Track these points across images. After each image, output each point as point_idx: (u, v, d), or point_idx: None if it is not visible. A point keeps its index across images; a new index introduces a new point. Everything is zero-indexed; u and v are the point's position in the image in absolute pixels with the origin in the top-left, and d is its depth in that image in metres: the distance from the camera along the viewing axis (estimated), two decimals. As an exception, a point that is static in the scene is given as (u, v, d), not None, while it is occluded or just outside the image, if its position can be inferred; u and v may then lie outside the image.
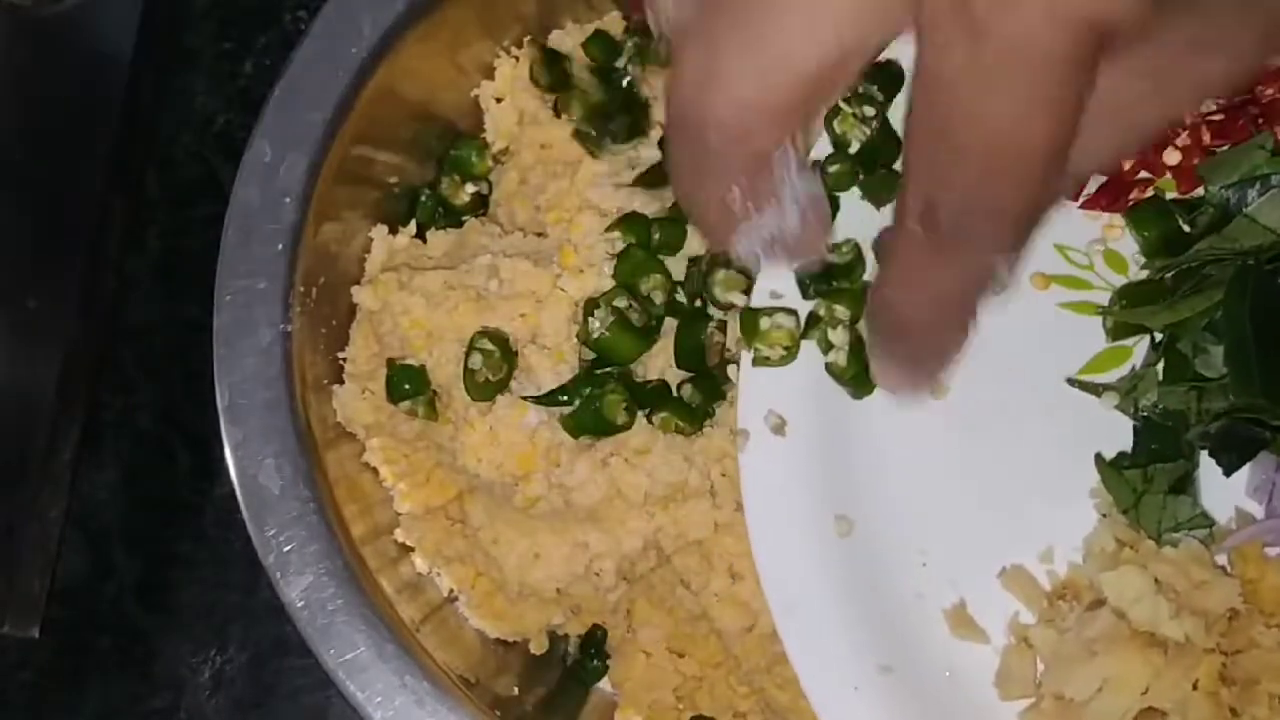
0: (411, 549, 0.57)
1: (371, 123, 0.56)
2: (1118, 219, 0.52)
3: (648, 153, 0.57)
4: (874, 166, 0.51)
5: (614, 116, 0.58)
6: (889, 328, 0.38)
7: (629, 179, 0.56)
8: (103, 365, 0.64)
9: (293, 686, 0.61)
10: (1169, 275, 0.50)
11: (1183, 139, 0.50)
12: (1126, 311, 0.50)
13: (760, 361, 0.50)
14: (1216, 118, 0.50)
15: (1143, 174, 0.51)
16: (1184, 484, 0.49)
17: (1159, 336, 0.51)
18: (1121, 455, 0.50)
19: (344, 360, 0.57)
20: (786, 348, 0.50)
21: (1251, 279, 0.47)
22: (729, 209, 0.36)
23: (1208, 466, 0.49)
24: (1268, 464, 0.49)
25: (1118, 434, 0.50)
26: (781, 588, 0.49)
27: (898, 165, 0.49)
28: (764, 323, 0.50)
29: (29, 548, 0.61)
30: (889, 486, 0.50)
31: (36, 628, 0.61)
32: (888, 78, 0.51)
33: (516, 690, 0.56)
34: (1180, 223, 0.51)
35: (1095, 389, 0.51)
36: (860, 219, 0.51)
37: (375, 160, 0.58)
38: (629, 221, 0.54)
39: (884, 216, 0.51)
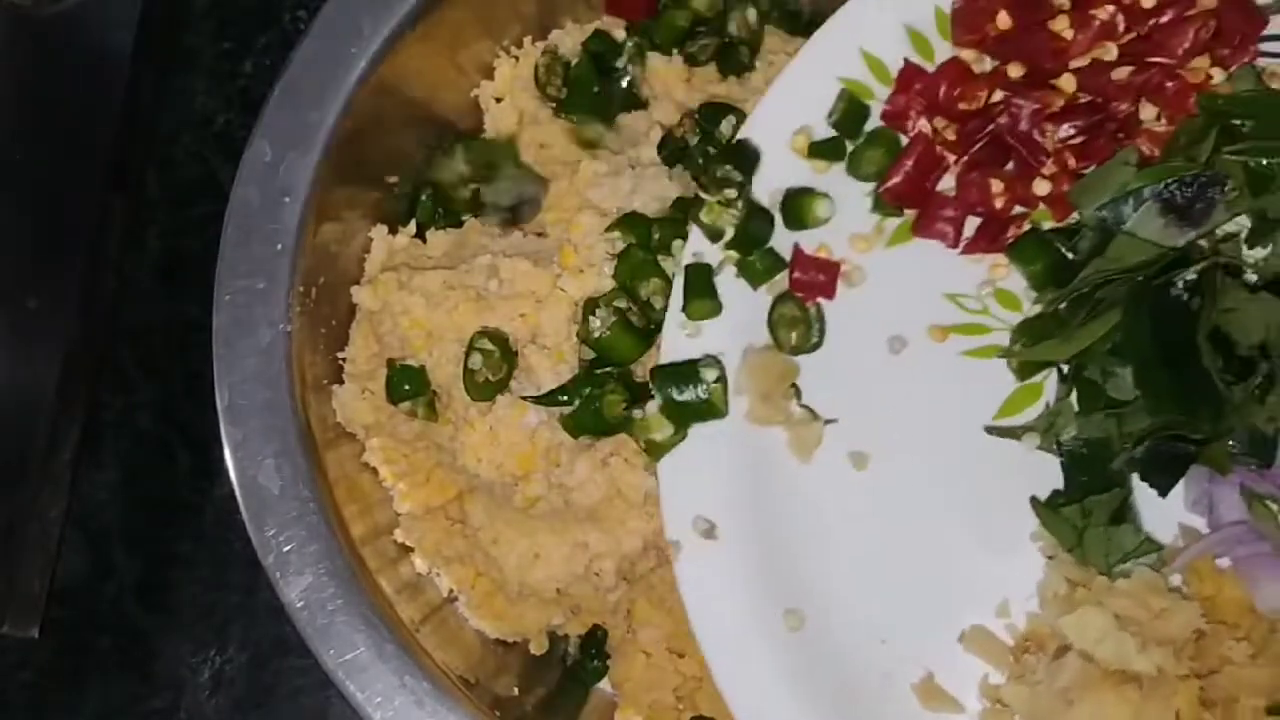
0: (411, 549, 0.57)
1: (371, 123, 0.56)
2: (1002, 258, 0.51)
3: (648, 152, 0.57)
4: (749, 247, 0.51)
5: (614, 117, 0.59)
6: None
7: (629, 179, 0.56)
8: (103, 365, 0.64)
9: (293, 686, 0.61)
10: (1062, 305, 0.49)
11: (1049, 167, 0.50)
12: (1028, 350, 0.50)
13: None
14: (1077, 141, 0.50)
15: (1017, 209, 0.51)
16: (1123, 512, 0.49)
17: (1066, 368, 0.50)
18: (1055, 494, 0.49)
19: (344, 360, 0.57)
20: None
21: (1146, 297, 0.47)
22: None
23: (1143, 489, 0.48)
24: (1200, 476, 0.48)
25: (1047, 473, 0.49)
26: (744, 693, 0.48)
27: (772, 243, 0.51)
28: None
29: (29, 548, 0.61)
30: (831, 571, 0.50)
31: (36, 628, 0.61)
32: (743, 158, 0.51)
33: (516, 690, 0.56)
34: (1062, 251, 0.50)
35: (1015, 432, 0.50)
36: (736, 299, 0.51)
37: (375, 160, 0.58)
38: (629, 221, 0.54)
39: (761, 298, 0.51)
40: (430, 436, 0.56)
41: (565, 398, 0.54)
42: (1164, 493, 0.48)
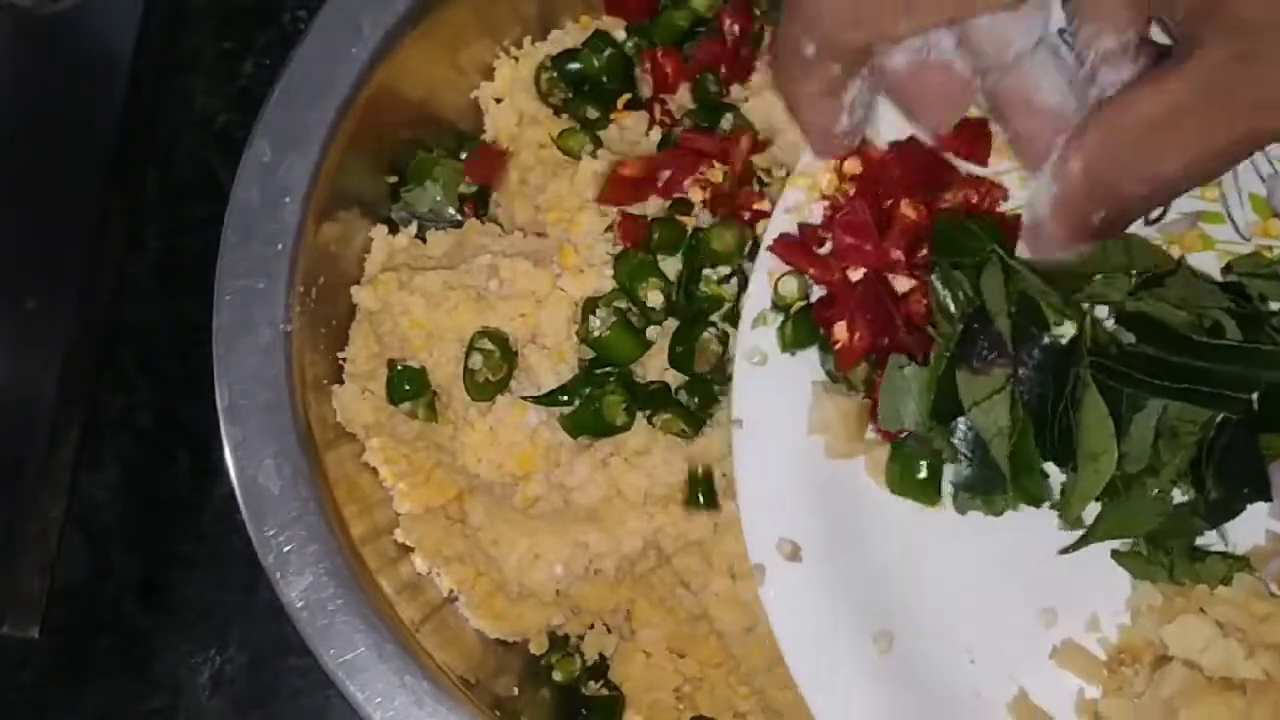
0: (411, 549, 0.57)
1: (371, 123, 0.56)
2: None
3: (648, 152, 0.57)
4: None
5: (613, 116, 0.59)
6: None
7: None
8: (103, 365, 0.64)
9: (293, 686, 0.61)
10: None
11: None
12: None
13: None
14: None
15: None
16: (1200, 549, 0.48)
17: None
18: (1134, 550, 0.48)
19: (344, 360, 0.57)
20: None
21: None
22: (830, 101, 0.45)
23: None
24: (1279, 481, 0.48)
25: None
26: (838, 715, 0.47)
27: None
28: None
29: (29, 548, 0.61)
30: (917, 590, 0.49)
31: (36, 628, 0.61)
32: None
33: (516, 690, 0.56)
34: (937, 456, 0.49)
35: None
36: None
37: (375, 160, 0.58)
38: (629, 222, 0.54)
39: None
40: (430, 436, 0.56)
41: (565, 398, 0.54)
42: (1235, 514, 0.47)
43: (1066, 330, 0.46)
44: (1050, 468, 0.48)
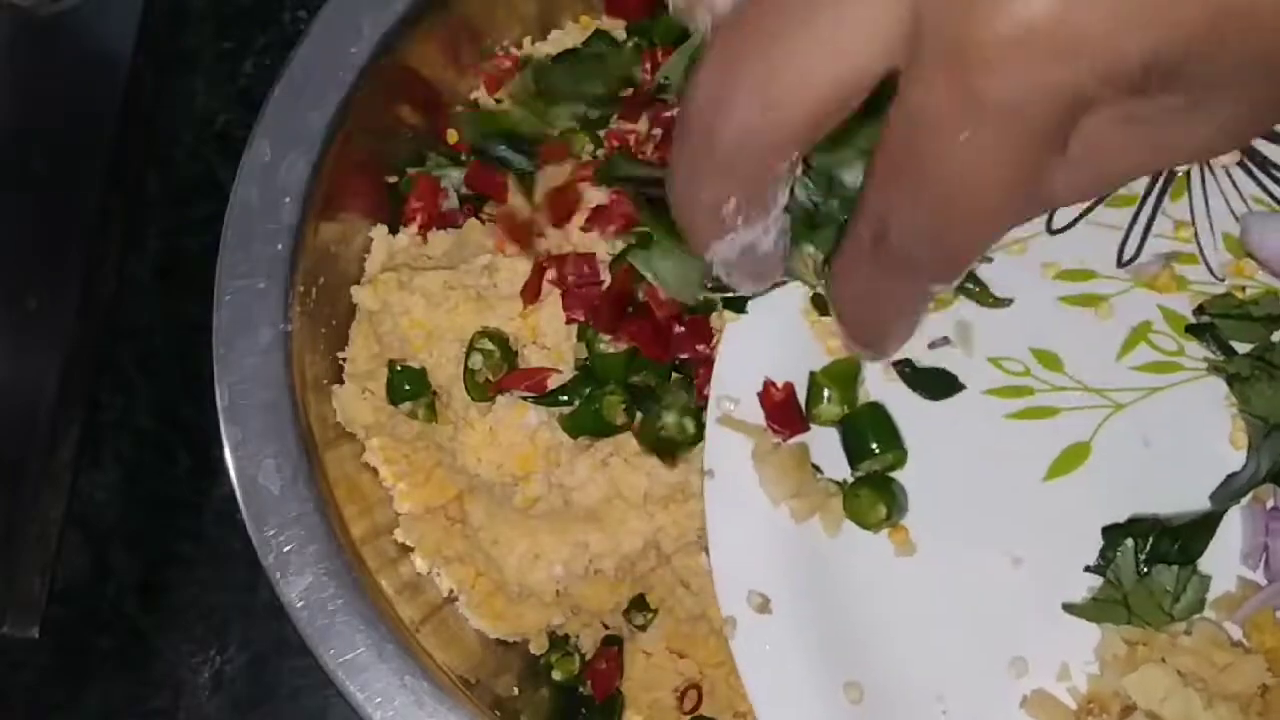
0: (411, 549, 0.57)
1: (371, 122, 0.56)
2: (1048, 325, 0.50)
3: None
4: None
5: (611, 116, 0.59)
6: (838, 307, 0.39)
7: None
8: (103, 365, 0.64)
9: (293, 686, 0.61)
10: None
11: None
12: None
13: None
14: None
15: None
16: (1154, 554, 0.48)
17: None
18: (1090, 569, 0.49)
19: (344, 360, 0.57)
20: None
21: None
22: (717, 216, 0.36)
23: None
24: (1256, 528, 0.48)
25: (1096, 538, 0.49)
26: None
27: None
28: None
29: (29, 548, 0.61)
30: (886, 641, 0.49)
31: (36, 628, 0.61)
32: None
33: (516, 690, 0.56)
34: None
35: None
36: None
37: (375, 160, 0.58)
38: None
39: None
40: (430, 436, 0.56)
41: (565, 398, 0.54)
42: None
43: None
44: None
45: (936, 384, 0.50)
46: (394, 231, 0.59)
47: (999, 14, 0.30)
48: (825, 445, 0.50)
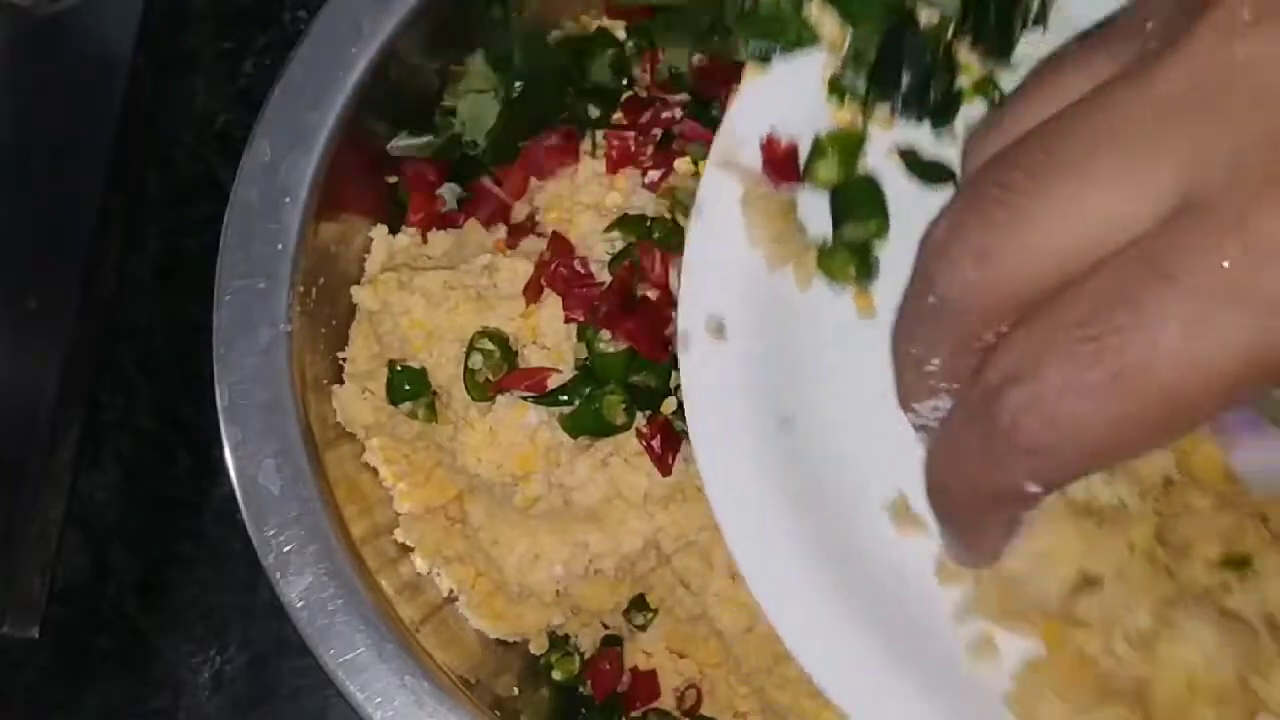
0: (411, 549, 0.57)
1: (371, 122, 0.56)
2: None
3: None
4: None
5: (611, 115, 0.59)
6: (934, 500, 0.39)
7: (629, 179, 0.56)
8: (103, 365, 0.64)
9: (293, 686, 0.61)
10: None
11: None
12: None
13: None
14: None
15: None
16: None
17: None
18: None
19: (344, 360, 0.57)
20: None
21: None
22: (922, 374, 0.37)
23: None
24: None
25: None
26: (723, 483, 0.48)
27: None
28: None
29: (29, 548, 0.61)
30: (827, 387, 0.49)
31: (36, 628, 0.61)
32: None
33: (516, 690, 0.56)
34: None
35: None
36: None
37: (375, 160, 0.58)
38: (627, 222, 0.54)
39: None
40: (430, 436, 0.56)
41: (565, 398, 0.54)
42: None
43: None
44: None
45: (932, 172, 0.51)
46: (394, 231, 0.59)
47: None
48: (813, 208, 0.51)
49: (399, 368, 0.55)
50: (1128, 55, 0.33)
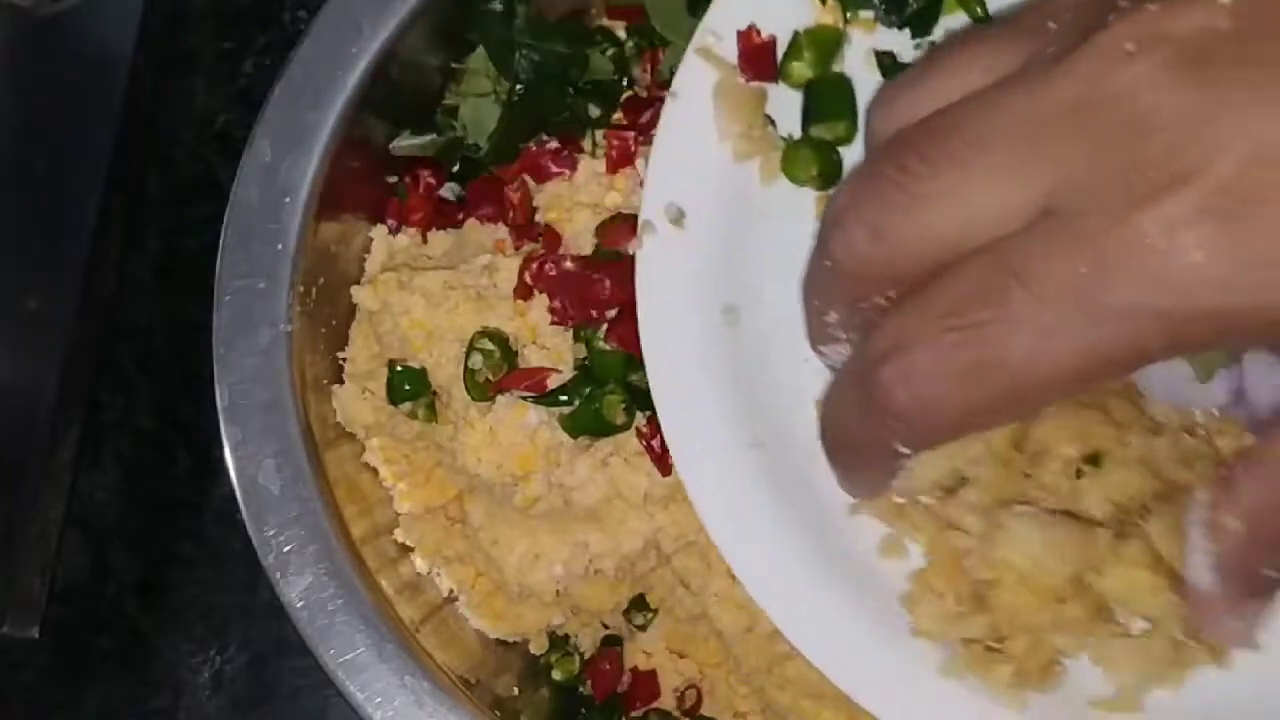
0: (411, 549, 0.57)
1: (371, 122, 0.56)
2: None
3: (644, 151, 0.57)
4: None
5: (611, 115, 0.59)
6: (823, 438, 0.42)
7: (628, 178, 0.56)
8: (103, 365, 0.64)
9: (293, 686, 0.61)
10: None
11: None
12: None
13: None
14: None
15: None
16: None
17: None
18: None
19: (344, 360, 0.57)
20: None
21: None
22: (823, 323, 0.41)
23: None
24: None
25: None
26: (663, 364, 0.49)
27: None
28: None
29: (29, 548, 0.61)
30: (777, 283, 0.50)
31: (36, 628, 0.61)
32: None
33: (516, 690, 0.56)
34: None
35: None
36: None
37: (375, 160, 0.58)
38: (621, 221, 0.54)
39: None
40: (430, 436, 0.56)
41: (565, 398, 0.54)
42: None
43: None
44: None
45: None
46: (394, 232, 0.59)
47: (1137, 234, 0.31)
48: (785, 104, 0.51)
49: (399, 368, 0.55)
50: (1030, 50, 0.36)
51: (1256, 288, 0.31)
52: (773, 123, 0.51)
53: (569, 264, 0.54)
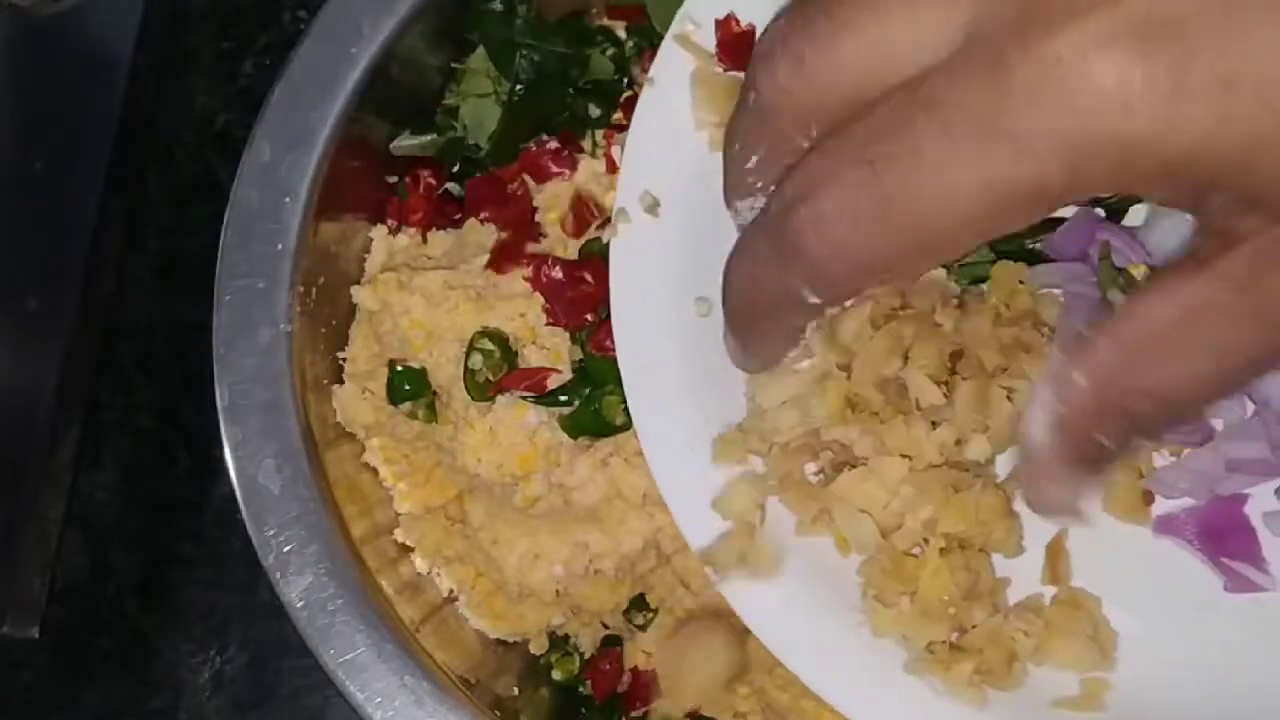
0: (411, 549, 0.57)
1: (371, 123, 0.56)
2: None
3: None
4: None
5: (611, 115, 0.59)
6: (725, 296, 0.41)
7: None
8: (103, 365, 0.64)
9: (293, 686, 0.61)
10: None
11: None
12: None
13: None
14: None
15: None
16: None
17: None
18: None
19: (344, 360, 0.57)
20: None
21: None
22: (743, 170, 0.38)
23: None
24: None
25: None
26: (635, 356, 0.49)
27: None
28: None
29: (29, 548, 0.61)
30: None
31: (36, 628, 0.61)
32: None
33: (516, 690, 0.56)
34: None
35: None
36: None
37: (375, 160, 0.58)
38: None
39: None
40: (430, 436, 0.56)
41: (565, 398, 0.54)
42: None
43: None
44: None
45: None
46: (394, 232, 0.59)
47: (1047, 52, 0.30)
48: None
49: (399, 368, 0.55)
50: None
51: (1161, 118, 0.30)
52: None
53: (557, 272, 0.54)
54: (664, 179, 0.50)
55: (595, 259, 0.54)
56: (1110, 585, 0.47)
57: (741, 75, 0.49)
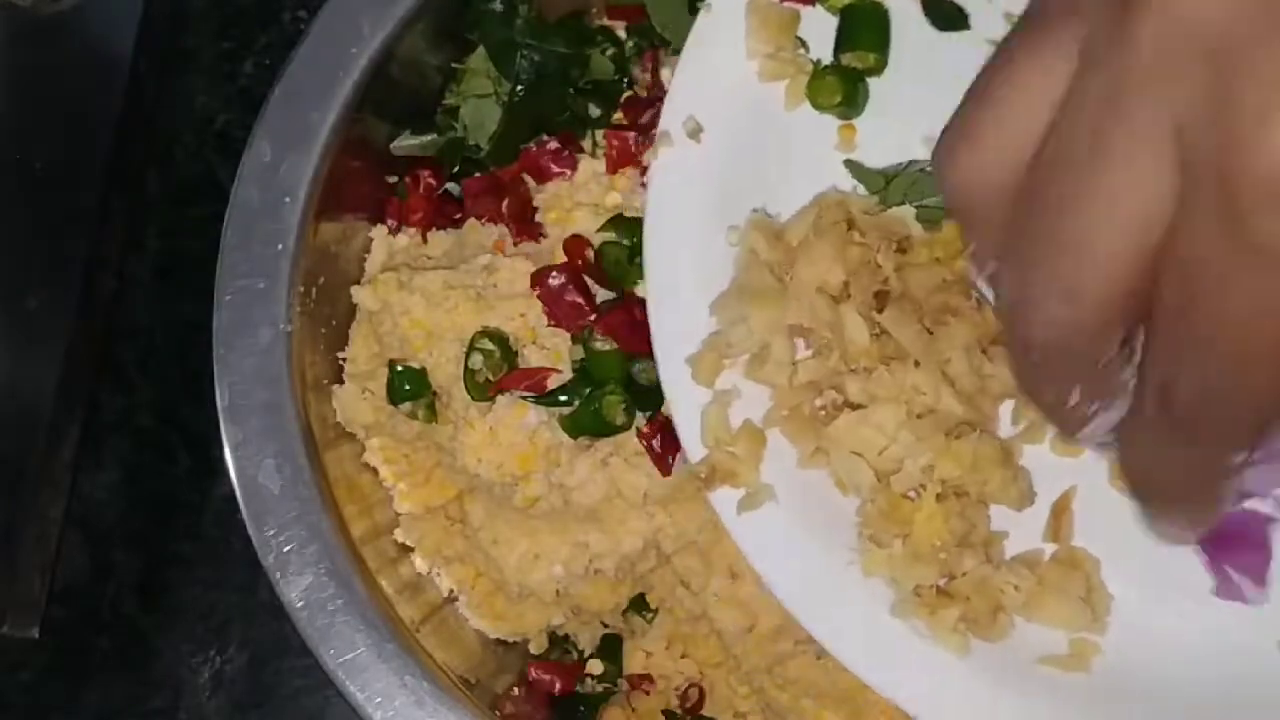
0: (411, 549, 0.57)
1: (371, 123, 0.56)
2: None
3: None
4: None
5: (611, 115, 0.59)
6: (1131, 481, 0.38)
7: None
8: (103, 365, 0.64)
9: (293, 686, 0.61)
10: None
11: None
12: None
13: None
14: None
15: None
16: None
17: None
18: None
19: (344, 360, 0.57)
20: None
21: None
22: (1070, 410, 0.36)
23: None
24: None
25: None
26: (663, 276, 0.50)
27: None
28: None
29: (29, 548, 0.61)
30: (787, 212, 0.50)
31: (36, 628, 0.61)
32: None
33: (516, 690, 0.56)
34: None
35: None
36: None
37: (375, 160, 0.58)
38: (621, 223, 0.54)
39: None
40: (430, 436, 0.56)
41: (565, 398, 0.54)
42: None
43: None
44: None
45: (949, 16, 0.51)
46: (394, 232, 0.59)
47: (1262, 151, 0.28)
48: (820, 28, 0.51)
49: (399, 368, 0.55)
50: (1077, 41, 0.33)
51: None
52: (805, 46, 0.51)
53: (553, 280, 0.54)
54: (710, 106, 0.50)
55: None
56: (1113, 552, 0.47)
57: (799, 7, 0.50)
